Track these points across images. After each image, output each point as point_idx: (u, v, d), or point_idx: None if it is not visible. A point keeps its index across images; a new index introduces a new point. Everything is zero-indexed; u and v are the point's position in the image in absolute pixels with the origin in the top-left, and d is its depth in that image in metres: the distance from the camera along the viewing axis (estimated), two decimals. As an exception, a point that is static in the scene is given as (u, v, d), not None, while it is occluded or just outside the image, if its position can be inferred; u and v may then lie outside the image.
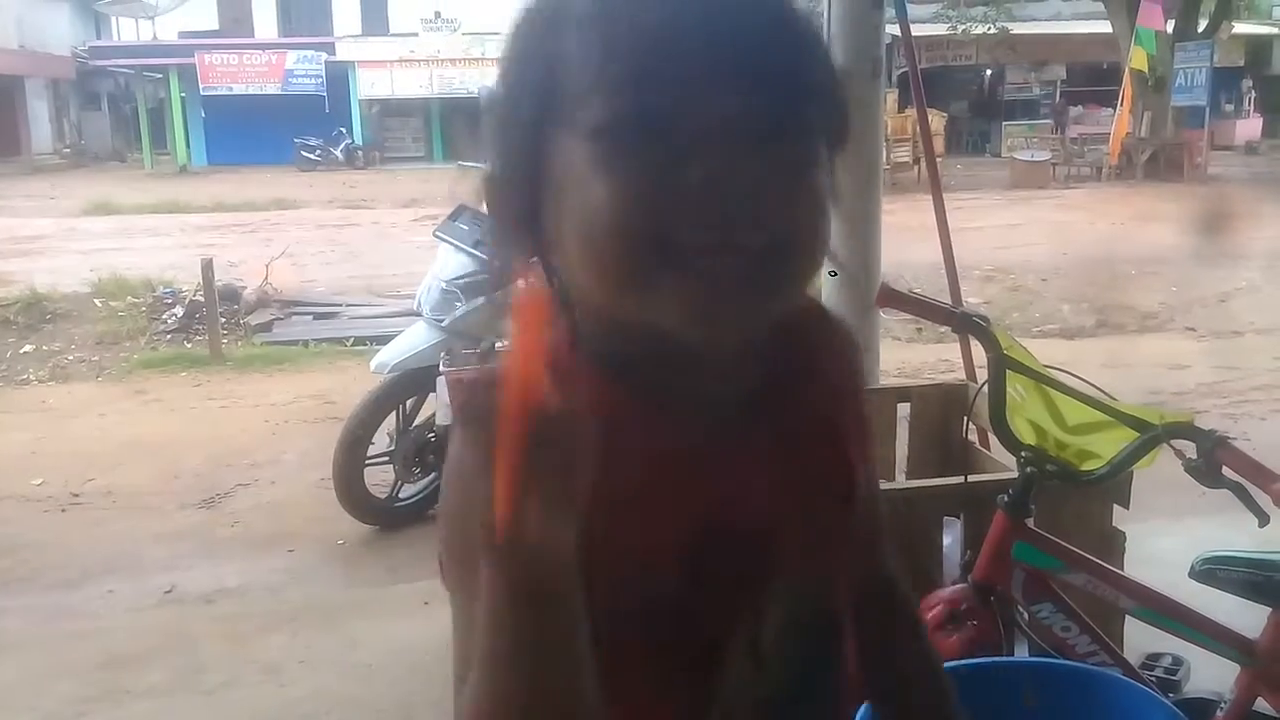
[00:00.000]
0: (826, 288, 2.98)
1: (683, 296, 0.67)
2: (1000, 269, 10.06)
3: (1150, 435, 1.81)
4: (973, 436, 2.79)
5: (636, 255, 0.67)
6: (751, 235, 0.67)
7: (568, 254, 0.72)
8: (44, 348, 8.12)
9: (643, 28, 0.68)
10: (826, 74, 0.74)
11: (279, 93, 28.80)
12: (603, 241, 0.68)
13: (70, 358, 7.91)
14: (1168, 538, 3.36)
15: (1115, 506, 2.35)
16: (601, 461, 0.66)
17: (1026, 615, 1.97)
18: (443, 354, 3.77)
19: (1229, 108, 27.40)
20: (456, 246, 4.15)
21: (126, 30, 33.39)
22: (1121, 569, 2.14)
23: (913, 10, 3.98)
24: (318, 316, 8.93)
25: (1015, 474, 1.96)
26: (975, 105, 30.46)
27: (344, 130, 28.50)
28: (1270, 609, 1.91)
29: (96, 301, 9.23)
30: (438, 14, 28.92)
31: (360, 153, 28.20)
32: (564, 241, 0.72)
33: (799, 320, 0.83)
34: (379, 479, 4.30)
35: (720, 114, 0.67)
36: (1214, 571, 1.94)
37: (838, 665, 0.86)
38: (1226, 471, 1.73)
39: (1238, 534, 2.02)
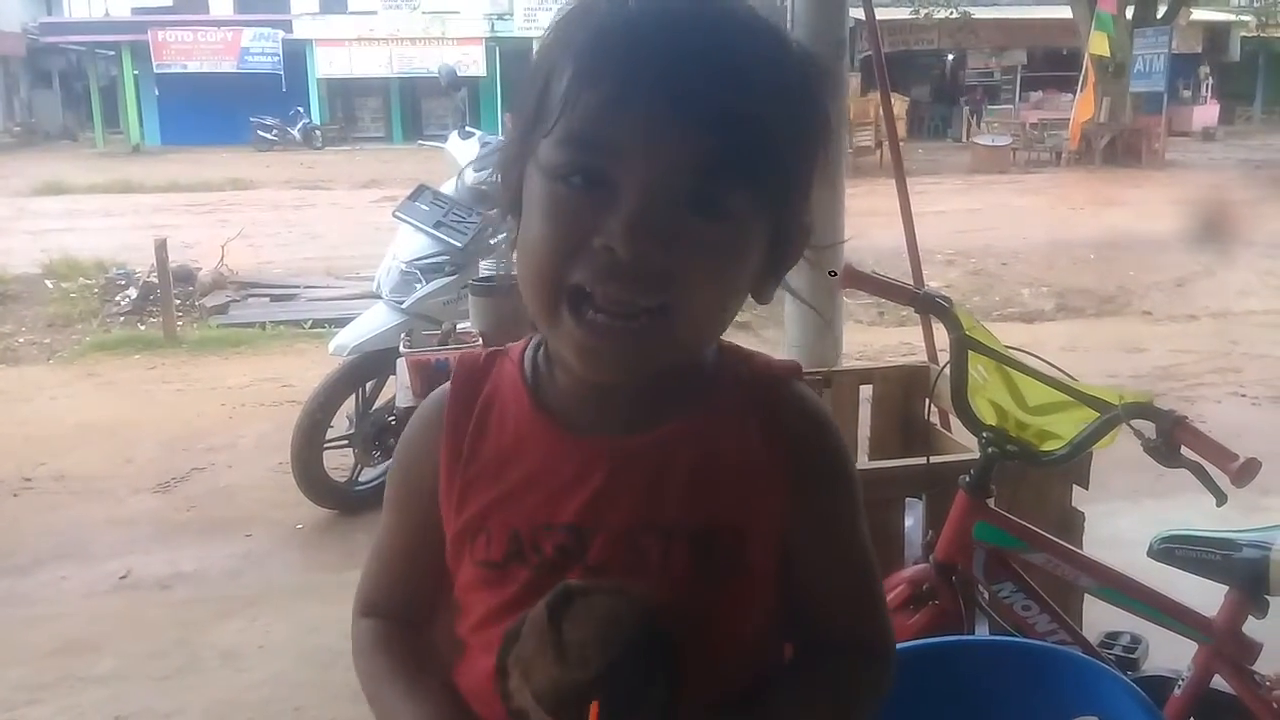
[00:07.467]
0: (791, 271, 2.97)
1: (578, 337, 0.80)
2: (961, 253, 10.14)
3: (1110, 415, 1.81)
4: (934, 418, 2.80)
5: (550, 292, 0.80)
6: (642, 299, 0.78)
7: (517, 260, 0.85)
8: (-7, 330, 7.97)
9: (598, 92, 0.76)
10: (779, 158, 0.80)
11: (235, 71, 28.41)
12: (531, 269, 0.81)
13: (20, 340, 7.75)
14: (1126, 517, 3.40)
15: (1075, 487, 2.37)
16: (492, 450, 0.91)
17: (987, 594, 1.97)
18: (403, 336, 3.73)
19: (1186, 94, 27.71)
20: (416, 227, 4.11)
21: (78, 6, 32.66)
22: (1081, 549, 2.15)
23: (875, -8, 3.97)
24: (275, 298, 8.81)
25: (977, 454, 1.96)
26: (937, 90, 30.65)
27: (301, 109, 28.17)
28: (1227, 587, 1.93)
29: (48, 283, 9.06)
30: (397, -8, 28.66)
31: (318, 132, 27.89)
32: (518, 249, 0.84)
33: (746, 387, 0.91)
34: (338, 463, 4.26)
35: (641, 189, 0.76)
36: (1172, 550, 1.96)
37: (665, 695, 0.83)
38: (1185, 451, 1.74)
39: (1195, 513, 2.04)
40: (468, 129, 4.46)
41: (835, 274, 2.72)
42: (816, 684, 0.93)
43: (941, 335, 2.10)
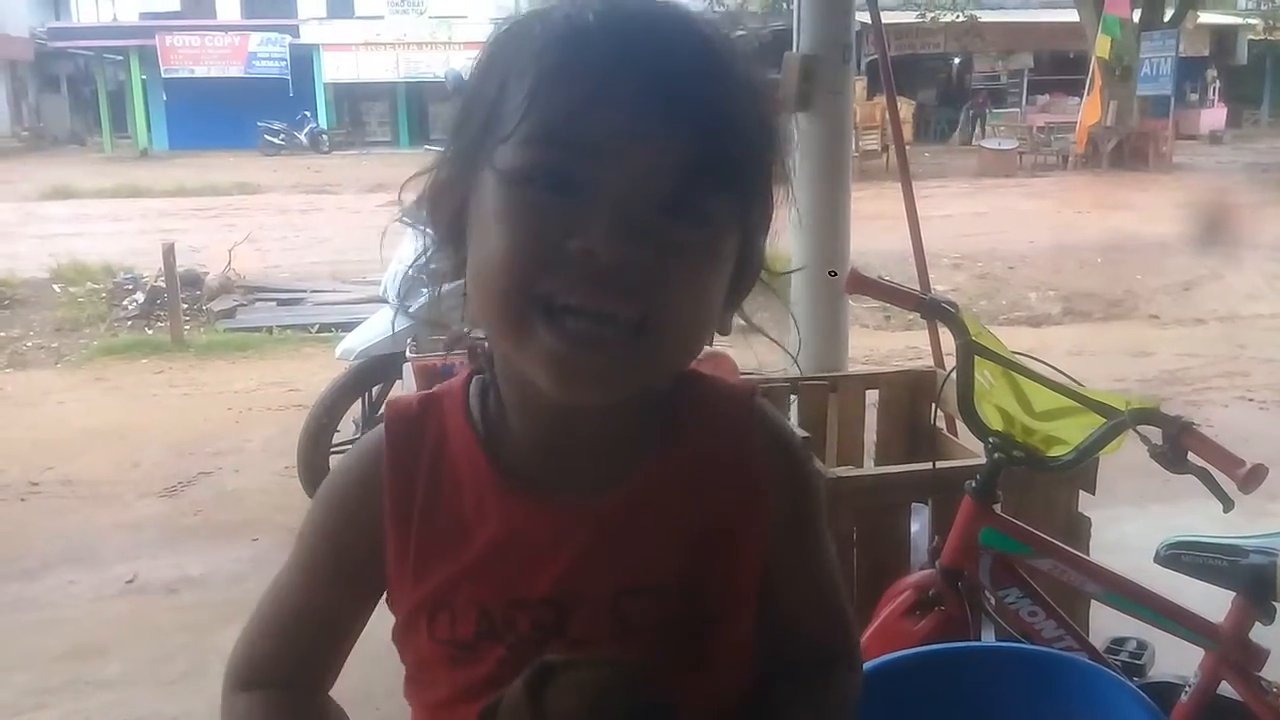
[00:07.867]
0: (798, 275, 2.97)
1: (553, 347, 0.71)
2: (968, 257, 10.13)
3: (1116, 421, 1.81)
4: (940, 423, 2.80)
5: (518, 302, 0.72)
6: (624, 309, 0.71)
7: (470, 282, 0.78)
8: (1, 334, 7.98)
9: (572, 89, 0.70)
10: (752, 169, 0.76)
11: (242, 76, 28.48)
12: (492, 281, 0.74)
13: (28, 345, 7.78)
14: (1133, 523, 3.40)
15: (1081, 492, 2.37)
16: (449, 516, 0.81)
17: (994, 600, 1.97)
18: (409, 340, 3.74)
19: (1193, 97, 27.65)
20: (423, 232, 4.11)
21: (86, 11, 32.79)
22: (1087, 554, 2.15)
23: (882, -4, 3.98)
24: (282, 303, 8.84)
25: (983, 460, 1.96)
26: (943, 93, 30.62)
27: (308, 114, 28.21)
28: (1234, 593, 1.93)
29: (55, 287, 9.09)
30: (404, -3, 28.73)
31: (325, 137, 27.93)
32: (470, 269, 0.78)
33: (710, 414, 0.86)
34: (344, 467, 4.26)
35: (621, 191, 0.70)
36: (1179, 556, 1.96)
37: None
38: (1191, 457, 1.73)
39: (1202, 519, 2.04)
40: (474, 134, 4.47)
41: (835, 274, 2.72)
42: (814, 701, 0.91)
43: (948, 340, 2.10)
